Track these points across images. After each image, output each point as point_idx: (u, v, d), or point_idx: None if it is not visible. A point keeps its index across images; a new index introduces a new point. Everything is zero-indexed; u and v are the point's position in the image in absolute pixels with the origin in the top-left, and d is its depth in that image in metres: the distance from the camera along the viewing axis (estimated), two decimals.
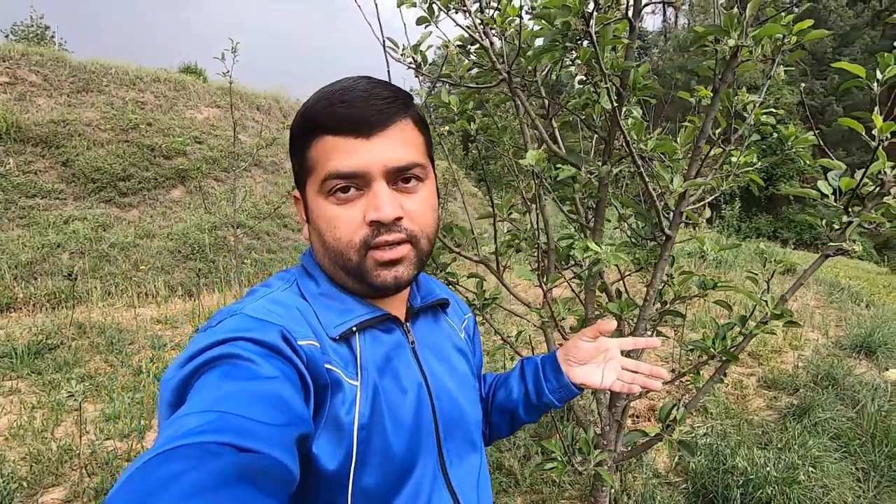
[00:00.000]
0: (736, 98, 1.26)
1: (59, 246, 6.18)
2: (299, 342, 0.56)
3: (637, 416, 3.22)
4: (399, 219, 0.61)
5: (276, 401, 0.48)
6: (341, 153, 0.59)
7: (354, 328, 0.63)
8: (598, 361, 0.81)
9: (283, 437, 0.46)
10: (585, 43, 1.17)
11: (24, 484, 2.37)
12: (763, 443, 2.82)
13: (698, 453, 2.57)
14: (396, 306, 0.70)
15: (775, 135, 1.72)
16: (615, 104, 1.12)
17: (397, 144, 0.61)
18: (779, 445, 2.73)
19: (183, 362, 0.51)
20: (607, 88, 1.09)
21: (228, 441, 0.41)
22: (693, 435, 2.89)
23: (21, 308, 5.21)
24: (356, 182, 0.60)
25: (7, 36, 15.39)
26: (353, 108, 0.59)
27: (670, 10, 35.02)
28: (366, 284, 0.63)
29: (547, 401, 0.82)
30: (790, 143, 1.72)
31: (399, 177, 0.62)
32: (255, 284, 0.67)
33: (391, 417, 0.62)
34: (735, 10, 1.15)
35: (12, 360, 3.84)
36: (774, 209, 22.92)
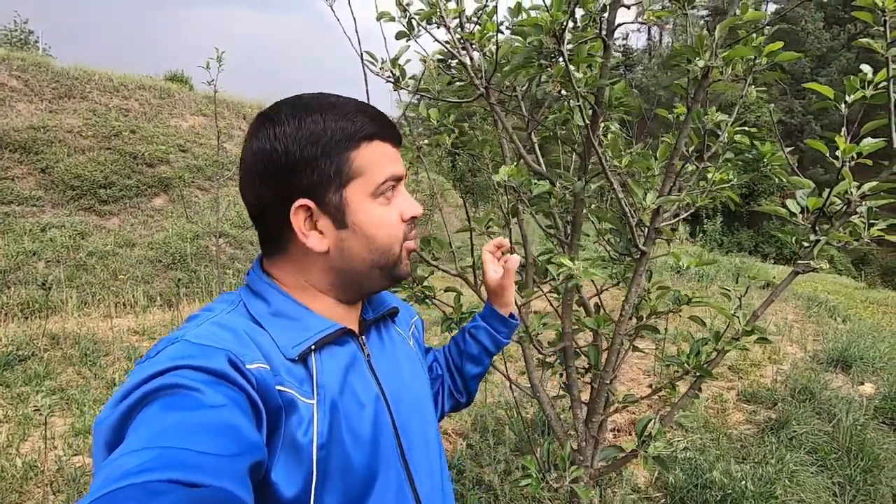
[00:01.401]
0: (706, 117, 1.28)
1: (34, 254, 6.03)
2: (248, 366, 0.54)
3: (618, 431, 3.22)
4: None
5: (225, 430, 0.46)
6: (392, 158, 0.66)
7: (313, 346, 0.62)
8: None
9: (234, 468, 0.44)
10: (561, 60, 1.18)
11: None
12: (741, 457, 2.83)
13: (677, 468, 2.57)
14: (351, 319, 0.70)
15: (753, 152, 1.76)
16: (588, 121, 1.13)
17: None
18: (756, 459, 2.74)
19: (118, 399, 0.48)
20: (580, 106, 1.10)
21: (174, 478, 0.39)
22: (672, 449, 2.89)
23: None
24: (395, 185, 0.67)
25: None
26: (385, 118, 0.67)
27: (655, 29, 35.88)
28: (393, 277, 0.70)
29: (503, 345, 0.98)
30: (766, 160, 1.76)
31: None
32: (197, 311, 0.64)
33: (350, 433, 0.61)
34: (705, 31, 1.18)
35: None
36: (756, 224, 23.37)
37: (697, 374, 1.46)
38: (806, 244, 1.28)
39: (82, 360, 4.11)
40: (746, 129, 1.66)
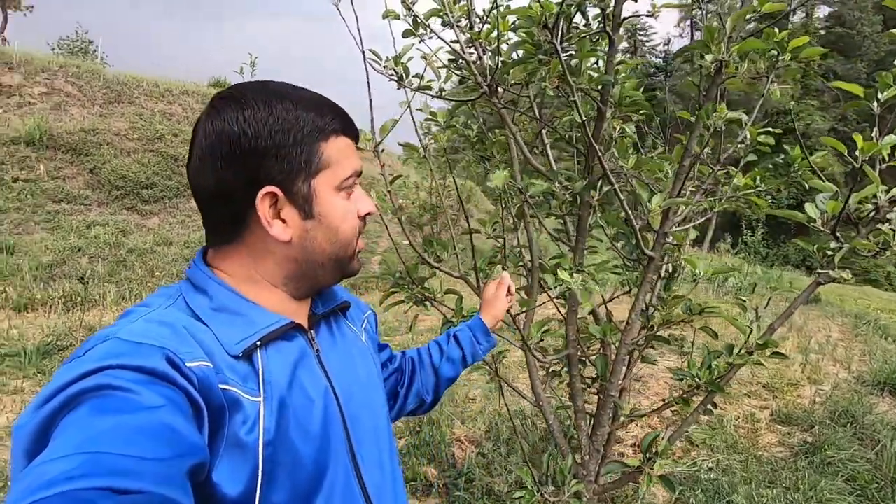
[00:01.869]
0: (715, 114, 1.20)
1: (79, 250, 6.36)
2: (188, 364, 0.51)
3: (637, 447, 3.09)
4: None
5: (161, 432, 0.44)
6: (354, 153, 0.67)
7: (258, 342, 0.60)
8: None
9: (170, 472, 0.42)
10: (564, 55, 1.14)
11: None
12: (770, 481, 2.66)
13: (698, 489, 2.44)
14: (300, 314, 0.69)
15: (781, 156, 1.65)
16: (584, 119, 1.08)
17: None
18: (786, 485, 2.57)
19: (41, 402, 0.44)
20: (575, 102, 1.05)
21: (104, 485, 0.37)
22: (696, 469, 2.75)
23: (38, 309, 5.35)
24: (356, 181, 0.68)
25: (53, 49, 16.22)
26: (350, 117, 0.67)
27: (697, 34, 34.87)
28: (346, 272, 0.70)
29: (480, 358, 1.03)
30: (796, 166, 1.65)
31: None
32: (131, 305, 0.61)
33: (298, 429, 0.59)
34: (716, 24, 1.11)
35: (21, 359, 3.93)
36: (805, 235, 22.24)
37: (709, 389, 1.37)
38: (828, 252, 1.18)
39: None
40: (771, 130, 1.55)
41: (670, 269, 1.58)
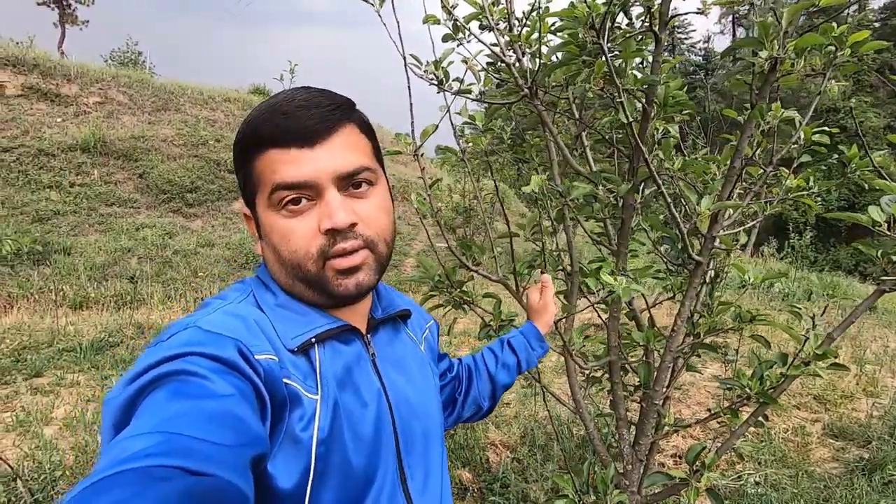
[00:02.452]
0: (770, 114, 1.15)
1: (129, 251, 6.67)
2: (256, 356, 0.54)
3: (679, 458, 2.99)
4: (353, 225, 0.60)
5: (231, 420, 0.46)
6: (287, 164, 0.58)
7: (314, 339, 0.61)
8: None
9: (236, 459, 0.44)
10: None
11: (68, 473, 2.51)
12: (823, 498, 2.52)
13: (745, 503, 2.34)
14: (357, 318, 0.69)
15: (836, 156, 1.57)
16: (630, 120, 1.05)
17: (344, 150, 0.60)
18: (842, 503, 2.43)
19: (129, 380, 0.48)
20: (622, 102, 1.03)
21: (177, 464, 0.39)
22: (742, 483, 2.63)
23: (91, 306, 5.64)
24: (306, 192, 0.59)
25: (106, 61, 17.12)
26: (294, 118, 0.58)
27: (740, 30, 33.63)
28: (327, 295, 0.62)
29: (533, 365, 1.03)
30: (853, 166, 1.56)
31: (349, 183, 0.61)
32: (208, 298, 0.64)
33: (351, 432, 0.59)
34: (771, 18, 1.06)
35: (77, 354, 4.15)
36: (856, 240, 21.02)
37: (761, 400, 1.31)
38: (894, 258, 1.11)
39: None
40: (827, 129, 1.48)
41: (713, 275, 1.52)
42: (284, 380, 0.56)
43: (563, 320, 1.54)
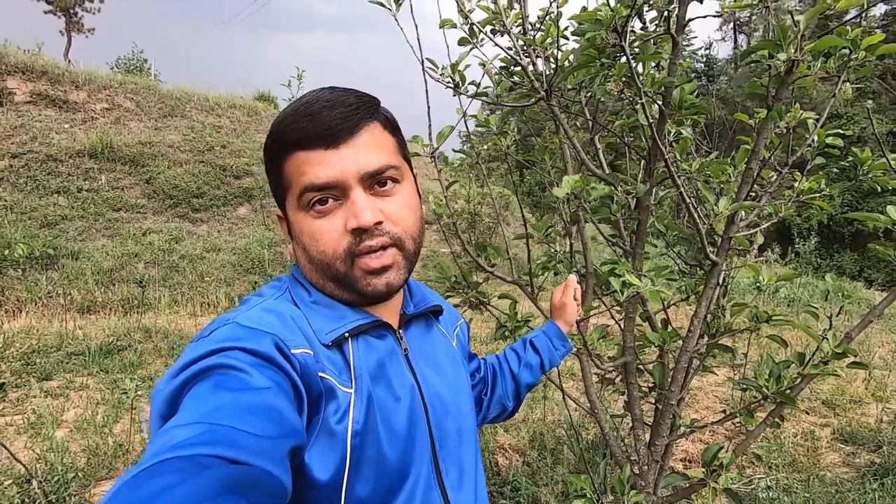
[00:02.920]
0: (788, 115, 1.16)
1: (136, 255, 6.70)
2: (293, 351, 0.55)
3: (689, 461, 2.98)
4: (380, 223, 0.61)
5: (269, 412, 0.47)
6: (313, 166, 0.59)
7: (347, 334, 0.63)
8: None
9: (275, 450, 0.45)
10: (624, 59, 1.13)
11: (81, 475, 2.52)
12: (836, 502, 2.51)
13: None
14: (389, 313, 0.70)
15: (849, 158, 1.59)
16: (651, 121, 1.07)
17: (368, 149, 0.61)
18: None
19: (175, 373, 0.50)
20: (643, 104, 1.04)
21: (219, 453, 0.40)
22: (752, 486, 2.62)
23: (99, 311, 5.67)
24: (333, 193, 0.60)
25: (112, 68, 17.26)
26: (318, 119, 0.59)
27: (741, 37, 33.72)
28: (357, 293, 0.64)
29: (556, 364, 1.04)
30: (866, 168, 1.57)
31: (375, 181, 0.62)
32: (247, 295, 0.67)
33: (385, 425, 0.61)
34: (789, 21, 1.08)
35: (86, 358, 4.16)
36: (860, 245, 20.94)
37: (778, 400, 1.31)
38: None
39: (170, 352, 4.48)
40: (841, 132, 1.49)
41: (726, 276, 1.53)
42: (320, 374, 0.57)
43: (580, 323, 1.54)
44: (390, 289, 0.63)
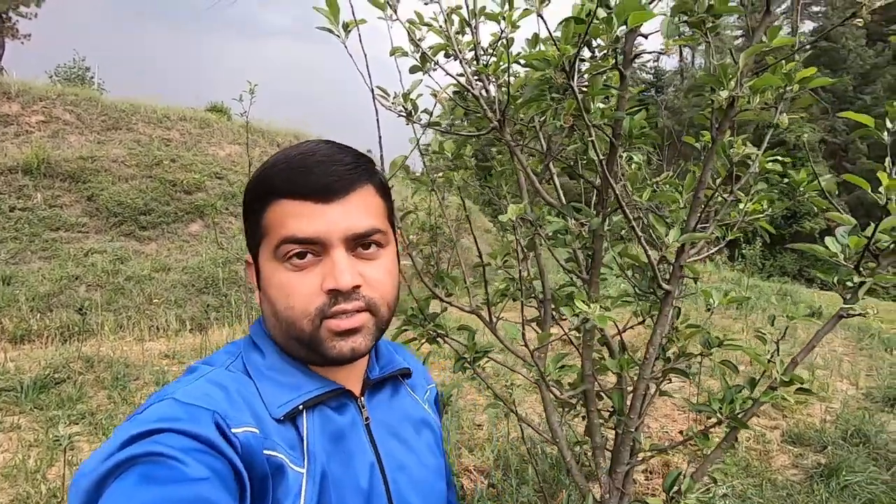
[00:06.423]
0: (732, 150, 1.20)
1: (76, 278, 6.30)
2: (234, 430, 0.52)
3: (651, 473, 3.03)
4: (358, 287, 0.58)
5: None
6: (300, 218, 0.57)
7: (301, 406, 0.58)
8: None
9: None
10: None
11: None
12: None
13: None
14: (352, 379, 0.65)
15: (787, 181, 1.66)
16: (601, 157, 1.07)
17: (359, 211, 0.59)
18: None
19: (102, 458, 0.46)
20: (592, 141, 1.04)
21: None
22: (710, 496, 2.69)
23: (34, 340, 5.27)
24: (314, 248, 0.58)
25: (50, 77, 16.32)
26: (313, 172, 0.57)
27: (687, 50, 35.49)
28: (320, 355, 0.60)
29: None
30: (802, 188, 1.65)
31: (359, 243, 0.60)
32: (196, 361, 0.62)
33: None
34: (729, 59, 1.11)
35: (17, 394, 3.84)
36: (800, 243, 22.27)
37: (732, 425, 1.34)
38: (850, 284, 1.16)
39: (114, 383, 4.21)
40: (779, 158, 1.56)
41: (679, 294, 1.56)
42: (267, 451, 0.53)
43: (532, 354, 1.53)
44: (355, 354, 0.60)
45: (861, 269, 1.10)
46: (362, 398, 0.65)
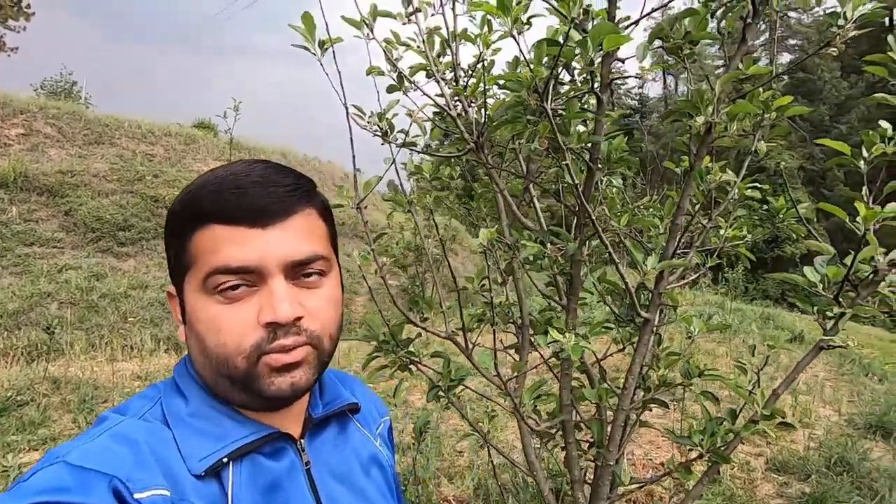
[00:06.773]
0: (710, 176, 1.18)
1: (48, 295, 6.10)
2: (137, 495, 0.45)
3: (633, 503, 2.95)
4: (299, 318, 0.52)
5: None
6: (231, 244, 0.51)
7: (226, 458, 0.52)
8: None
9: None
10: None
11: None
12: None
13: None
14: (291, 418, 0.59)
15: (766, 207, 1.66)
16: (576, 182, 1.04)
17: (298, 236, 0.53)
18: None
19: None
20: (567, 165, 1.01)
21: None
22: None
23: None
24: (248, 278, 0.52)
25: (35, 90, 16.13)
26: (248, 195, 0.52)
27: (670, 77, 36.49)
28: (255, 395, 0.53)
29: None
30: (781, 216, 1.65)
31: (299, 271, 0.54)
32: (108, 409, 0.55)
33: None
34: (706, 86, 1.10)
35: None
36: (781, 270, 22.68)
37: (713, 459, 1.29)
38: (829, 315, 1.14)
39: (80, 406, 4.03)
40: (758, 185, 1.56)
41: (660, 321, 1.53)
42: None
43: (504, 386, 1.47)
44: (295, 391, 0.53)
45: (840, 299, 1.07)
46: (302, 440, 0.59)
